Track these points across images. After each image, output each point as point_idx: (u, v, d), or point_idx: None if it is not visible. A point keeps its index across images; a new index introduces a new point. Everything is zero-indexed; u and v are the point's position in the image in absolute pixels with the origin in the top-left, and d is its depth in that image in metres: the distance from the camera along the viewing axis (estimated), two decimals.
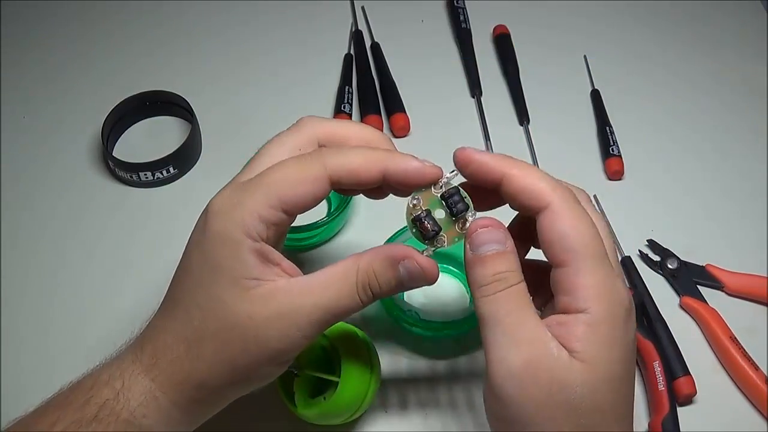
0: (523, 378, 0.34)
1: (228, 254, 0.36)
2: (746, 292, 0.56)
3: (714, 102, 0.69)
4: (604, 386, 0.34)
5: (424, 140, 0.65)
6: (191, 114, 0.65)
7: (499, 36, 0.73)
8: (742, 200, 0.62)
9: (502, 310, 0.35)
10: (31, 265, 0.58)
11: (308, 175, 0.36)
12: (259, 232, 0.36)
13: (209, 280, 0.37)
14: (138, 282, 0.55)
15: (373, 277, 0.37)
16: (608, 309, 0.34)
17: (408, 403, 0.50)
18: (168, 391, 0.38)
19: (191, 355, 0.37)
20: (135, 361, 0.39)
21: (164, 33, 0.75)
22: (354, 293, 0.37)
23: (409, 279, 0.38)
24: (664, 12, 0.77)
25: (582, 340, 0.33)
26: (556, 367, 0.33)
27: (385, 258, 0.37)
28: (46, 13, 0.77)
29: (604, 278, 0.34)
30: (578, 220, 0.35)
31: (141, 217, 0.61)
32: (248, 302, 0.36)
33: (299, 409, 0.45)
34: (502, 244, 0.36)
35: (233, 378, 0.38)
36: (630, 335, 0.35)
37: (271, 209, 0.36)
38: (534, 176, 0.36)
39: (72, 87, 0.70)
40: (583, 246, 0.34)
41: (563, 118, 0.68)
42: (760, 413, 0.50)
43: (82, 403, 0.37)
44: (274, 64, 0.72)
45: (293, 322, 0.37)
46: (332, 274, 0.37)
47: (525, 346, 0.34)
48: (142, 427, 0.37)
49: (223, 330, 0.37)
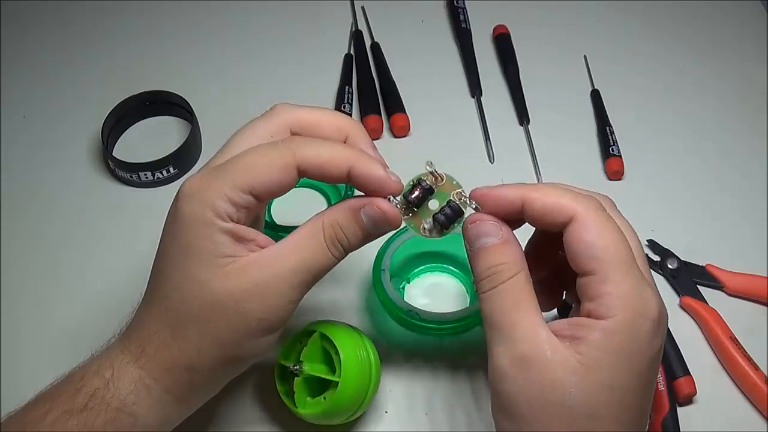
0: (514, 376, 0.34)
1: (200, 234, 0.37)
2: (746, 292, 0.56)
3: (714, 102, 0.69)
4: (604, 392, 0.33)
5: (424, 140, 0.65)
6: (191, 114, 0.65)
7: (499, 36, 0.73)
8: (742, 200, 0.62)
9: (498, 308, 0.35)
10: (31, 265, 0.58)
11: (277, 163, 0.37)
12: (229, 213, 0.37)
13: (183, 261, 0.38)
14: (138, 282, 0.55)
15: (339, 229, 0.38)
16: (631, 319, 0.33)
17: (408, 403, 0.50)
18: (159, 377, 0.38)
19: (177, 339, 0.38)
20: (123, 350, 0.39)
21: (164, 33, 0.75)
22: (325, 249, 0.38)
23: (373, 225, 0.39)
24: (664, 12, 0.77)
25: (591, 346, 0.33)
26: (549, 368, 0.33)
27: (347, 209, 0.39)
28: (46, 13, 0.77)
29: (632, 287, 0.34)
30: (604, 227, 0.35)
31: (141, 217, 0.61)
32: (225, 278, 0.37)
33: (299, 409, 0.45)
34: (494, 236, 0.37)
35: (223, 356, 0.38)
36: (653, 349, 0.34)
37: (240, 193, 0.37)
38: (555, 193, 0.36)
39: (72, 87, 0.70)
40: (609, 253, 0.34)
41: (563, 118, 0.67)
42: (760, 413, 0.50)
43: (73, 393, 0.37)
44: (274, 64, 0.72)
45: (272, 290, 0.37)
46: (301, 237, 0.39)
47: (518, 345, 0.34)
48: (133, 414, 0.38)
49: (204, 309, 0.37)
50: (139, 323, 0.40)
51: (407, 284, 0.56)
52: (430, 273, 0.56)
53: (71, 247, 0.59)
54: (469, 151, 0.65)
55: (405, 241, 0.52)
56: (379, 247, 0.52)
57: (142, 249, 0.42)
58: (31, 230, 0.60)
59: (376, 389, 0.46)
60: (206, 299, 0.37)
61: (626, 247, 0.35)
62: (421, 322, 0.50)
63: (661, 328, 0.34)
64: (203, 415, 0.49)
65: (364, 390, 0.45)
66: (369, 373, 0.45)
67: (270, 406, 0.49)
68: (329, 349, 0.45)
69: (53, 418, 0.37)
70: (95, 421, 0.37)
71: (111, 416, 0.37)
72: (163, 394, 0.38)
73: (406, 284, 0.56)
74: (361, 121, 0.66)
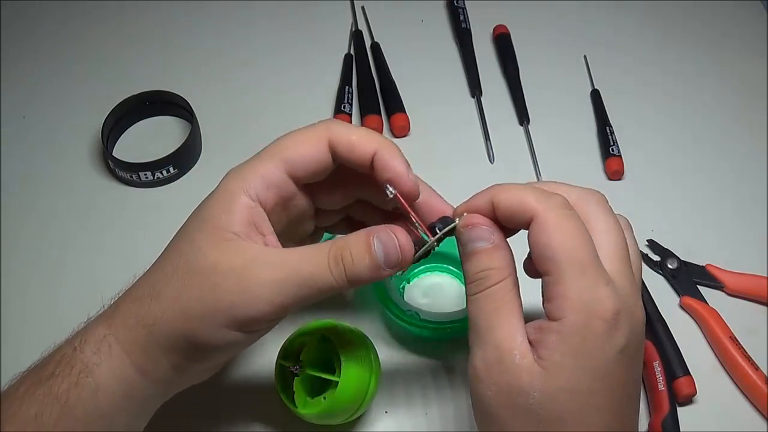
0: (484, 379, 0.35)
1: (220, 206, 0.38)
2: (746, 292, 0.56)
3: (714, 102, 0.69)
4: (566, 396, 0.33)
5: (424, 140, 0.65)
6: (191, 114, 0.65)
7: (499, 36, 0.73)
8: (742, 200, 0.62)
9: (479, 312, 0.36)
10: (32, 265, 0.58)
11: (311, 136, 0.39)
12: (258, 191, 0.38)
13: (197, 228, 0.38)
14: None
15: (346, 248, 0.37)
16: (583, 320, 0.33)
17: (408, 403, 0.50)
18: (120, 334, 0.38)
19: (151, 297, 0.38)
20: (101, 314, 0.39)
21: (164, 33, 0.75)
22: (324, 261, 0.37)
23: (384, 253, 0.37)
24: (664, 12, 0.77)
25: (549, 348, 0.33)
26: (515, 372, 0.34)
27: (361, 232, 0.38)
28: (46, 13, 0.77)
29: (584, 287, 0.33)
30: (561, 227, 0.34)
31: (141, 217, 0.61)
32: (218, 251, 0.37)
33: (299, 409, 0.45)
34: (486, 240, 0.37)
35: (183, 329, 0.37)
36: (614, 348, 0.33)
37: (273, 168, 0.38)
38: (519, 193, 0.36)
39: (72, 87, 0.71)
40: (563, 254, 0.34)
41: (563, 118, 0.68)
42: (760, 413, 0.50)
43: (45, 364, 0.38)
44: (274, 64, 0.72)
45: (256, 280, 0.36)
46: (308, 247, 0.38)
47: (490, 349, 0.35)
48: (95, 376, 0.37)
49: (187, 275, 0.37)
50: (129, 287, 0.40)
51: (407, 284, 0.56)
52: (430, 273, 0.56)
53: (71, 246, 0.59)
54: (469, 151, 0.65)
55: None
56: None
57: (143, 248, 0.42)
58: (32, 230, 0.60)
59: (376, 389, 0.46)
60: (193, 266, 0.37)
61: (584, 245, 0.34)
62: (421, 322, 0.49)
63: (621, 327, 0.33)
64: (203, 415, 0.49)
65: (364, 390, 0.45)
66: (369, 373, 0.45)
67: (270, 406, 0.49)
68: (329, 350, 0.45)
69: (24, 389, 0.37)
70: (59, 388, 0.36)
71: (73, 380, 0.37)
72: (123, 356, 0.38)
73: (406, 284, 0.56)
74: (361, 121, 0.66)
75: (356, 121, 0.67)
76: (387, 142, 0.39)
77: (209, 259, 0.37)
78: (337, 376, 0.44)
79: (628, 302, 0.34)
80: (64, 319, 0.42)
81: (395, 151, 0.39)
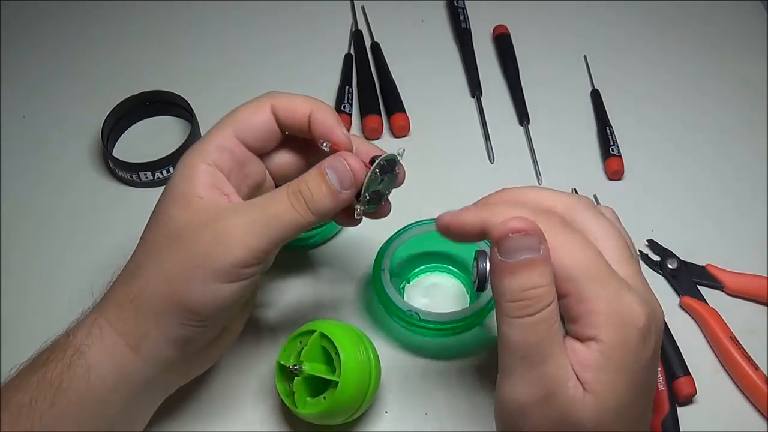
0: (534, 414, 0.32)
1: (182, 177, 0.41)
2: (746, 292, 0.56)
3: (714, 102, 0.69)
4: (612, 416, 0.32)
5: (424, 140, 0.65)
6: (191, 114, 0.65)
7: (499, 36, 0.73)
8: (742, 200, 0.62)
9: (531, 339, 0.32)
10: (32, 265, 0.58)
11: (255, 104, 0.43)
12: (213, 157, 0.41)
13: (164, 201, 0.41)
14: None
15: (303, 183, 0.40)
16: (620, 333, 0.32)
17: (408, 403, 0.50)
18: (110, 315, 0.39)
19: (135, 275, 0.40)
20: (94, 303, 0.41)
21: (164, 33, 0.75)
22: (285, 199, 0.40)
23: (338, 178, 0.40)
24: (664, 12, 0.77)
25: (594, 370, 0.32)
26: (569, 407, 0.32)
27: (315, 167, 0.41)
28: (46, 13, 0.77)
29: (610, 300, 0.32)
30: (568, 245, 0.33)
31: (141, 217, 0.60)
32: (188, 212, 0.39)
33: (299, 409, 0.45)
34: (535, 250, 0.32)
35: (168, 293, 0.38)
36: (646, 355, 0.32)
37: (226, 135, 0.42)
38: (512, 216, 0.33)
39: (72, 87, 0.71)
40: (579, 271, 0.32)
41: (563, 118, 0.67)
42: (760, 413, 0.50)
43: (39, 353, 0.39)
44: (274, 64, 0.72)
45: (227, 227, 0.38)
46: (269, 193, 0.41)
47: (544, 382, 0.32)
48: (86, 358, 0.38)
49: (163, 240, 0.39)
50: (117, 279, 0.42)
51: (407, 284, 0.56)
52: (430, 273, 0.56)
53: (71, 246, 0.59)
54: (469, 151, 0.65)
55: (405, 241, 0.52)
56: (379, 247, 0.52)
57: None
58: (31, 230, 0.60)
59: (376, 389, 0.46)
60: (167, 231, 0.39)
61: (596, 257, 0.33)
62: (421, 322, 0.49)
63: (652, 331, 0.32)
64: (204, 415, 0.49)
65: (364, 390, 0.45)
66: (369, 373, 0.45)
67: (270, 406, 0.49)
68: (329, 349, 0.45)
69: (19, 379, 0.38)
70: (53, 373, 0.37)
71: (66, 363, 0.38)
72: (116, 337, 0.39)
73: (406, 284, 0.56)
74: (361, 121, 0.66)
75: (356, 120, 0.67)
76: (320, 103, 0.43)
77: (180, 222, 0.39)
78: (337, 376, 0.44)
79: (651, 303, 0.33)
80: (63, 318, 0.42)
81: (327, 109, 0.42)
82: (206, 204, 0.39)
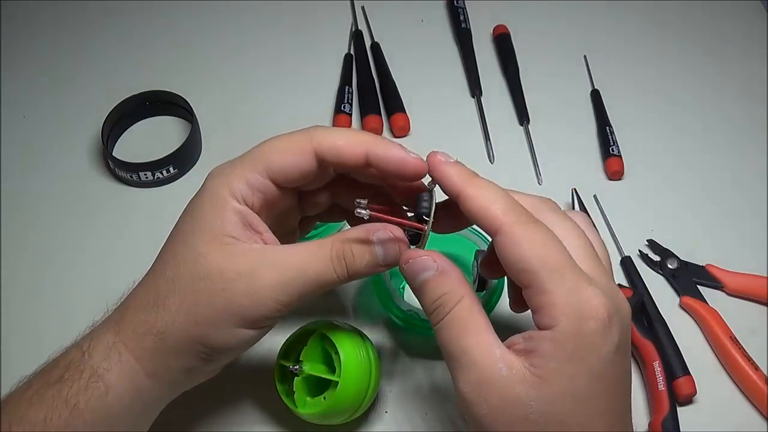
0: (477, 399, 0.34)
1: (212, 211, 0.38)
2: (746, 292, 0.56)
3: (714, 102, 0.69)
4: (566, 401, 0.33)
5: (424, 140, 0.65)
6: (191, 114, 0.65)
7: (499, 36, 0.73)
8: (742, 200, 0.62)
9: (448, 337, 0.35)
10: (31, 265, 0.58)
11: (294, 146, 0.39)
12: (244, 196, 0.38)
13: (191, 233, 0.39)
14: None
15: (348, 245, 0.38)
16: (575, 324, 0.33)
17: (408, 403, 0.50)
18: (130, 342, 0.38)
19: (158, 305, 0.38)
20: (106, 321, 0.40)
21: (164, 33, 0.75)
22: (328, 259, 0.38)
23: (385, 254, 0.38)
24: (664, 12, 0.77)
25: (544, 357, 0.33)
26: (506, 385, 0.33)
27: (361, 228, 0.39)
28: (46, 13, 0.77)
29: (568, 292, 0.33)
30: (530, 237, 0.34)
31: (141, 217, 0.61)
32: (221, 256, 0.38)
33: (299, 409, 0.45)
34: (430, 269, 0.36)
35: (196, 335, 0.38)
36: (608, 347, 0.33)
37: (258, 175, 0.38)
38: (486, 199, 0.35)
39: (72, 87, 0.70)
40: (539, 263, 0.33)
41: (563, 118, 0.67)
42: (760, 413, 0.50)
43: (52, 367, 0.38)
44: (274, 64, 0.72)
45: (263, 281, 0.37)
46: (310, 244, 0.39)
47: (473, 369, 0.34)
48: (104, 381, 0.38)
49: (193, 281, 0.38)
50: (131, 293, 0.41)
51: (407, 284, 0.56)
52: None
53: (71, 246, 0.59)
54: (469, 151, 0.65)
55: None
56: None
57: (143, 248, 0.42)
58: (32, 230, 0.60)
59: (376, 389, 0.46)
60: (198, 271, 0.38)
61: (557, 251, 0.34)
62: (421, 322, 0.49)
63: (614, 323, 0.33)
64: (204, 415, 0.49)
65: (364, 390, 0.45)
66: (369, 373, 0.45)
67: (270, 406, 0.49)
68: (329, 349, 0.45)
69: (32, 393, 0.37)
70: (69, 391, 0.37)
71: (83, 384, 0.37)
72: (133, 362, 0.38)
73: (406, 284, 0.56)
74: (361, 121, 0.66)
75: (356, 121, 0.67)
76: (375, 137, 0.39)
77: (213, 264, 0.38)
78: (337, 376, 0.44)
79: (614, 297, 0.34)
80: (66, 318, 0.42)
81: (386, 142, 0.39)
82: (241, 249, 0.38)
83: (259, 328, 0.39)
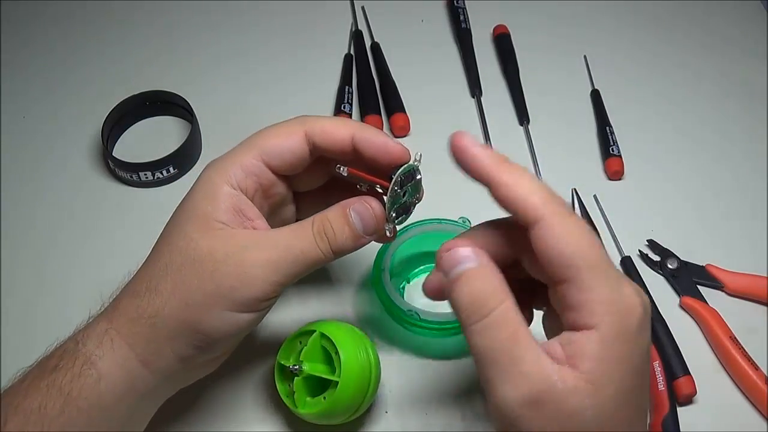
0: (529, 416, 0.32)
1: (204, 197, 0.40)
2: (746, 292, 0.56)
3: (714, 102, 0.69)
4: (614, 403, 0.32)
5: (424, 140, 0.65)
6: (191, 114, 0.65)
7: (499, 36, 0.73)
8: (742, 200, 0.62)
9: (494, 344, 0.32)
10: (32, 265, 0.58)
11: (286, 130, 0.42)
12: (238, 180, 0.40)
13: (184, 219, 0.40)
14: None
15: (327, 222, 0.40)
16: (620, 322, 0.32)
17: (408, 403, 0.50)
18: (122, 328, 0.39)
19: (150, 290, 0.39)
20: (102, 311, 0.40)
21: (164, 33, 0.75)
22: (311, 239, 0.40)
23: (362, 222, 0.40)
24: (664, 12, 0.77)
25: (593, 360, 0.31)
26: (562, 398, 0.31)
27: (338, 206, 0.41)
28: (46, 13, 0.77)
29: (612, 289, 0.32)
30: (573, 230, 0.33)
31: (141, 217, 0.61)
32: (212, 239, 0.39)
33: (299, 409, 0.45)
34: (472, 261, 0.34)
35: (187, 319, 0.38)
36: (644, 342, 0.33)
37: (252, 159, 0.41)
38: (524, 188, 0.34)
39: (72, 87, 0.70)
40: (583, 258, 0.32)
41: (563, 118, 0.67)
42: (760, 413, 0.50)
43: (47, 358, 0.39)
44: (274, 64, 0.72)
45: (252, 261, 0.39)
46: (293, 226, 0.41)
47: (527, 383, 0.32)
48: (96, 368, 0.38)
49: (184, 265, 0.39)
50: (126, 284, 0.41)
51: (407, 284, 0.56)
52: None
53: (71, 246, 0.59)
54: None
55: (405, 241, 0.52)
56: (379, 247, 0.52)
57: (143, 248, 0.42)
58: (32, 230, 0.60)
59: (376, 389, 0.46)
60: (189, 255, 0.39)
61: (597, 246, 0.33)
62: (421, 322, 0.49)
63: (646, 320, 0.33)
64: (204, 415, 0.49)
65: (364, 390, 0.45)
66: (369, 373, 0.45)
67: (270, 406, 0.49)
68: (329, 349, 0.45)
69: (28, 383, 0.38)
70: (62, 380, 0.37)
71: (77, 372, 0.38)
72: (126, 349, 0.39)
73: (406, 284, 0.56)
74: (361, 120, 0.66)
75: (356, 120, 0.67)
76: (361, 124, 0.42)
77: (203, 248, 0.39)
78: (337, 376, 0.44)
79: (643, 295, 0.34)
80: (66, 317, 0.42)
81: (369, 128, 0.42)
82: (231, 232, 0.39)
83: (251, 311, 0.39)
